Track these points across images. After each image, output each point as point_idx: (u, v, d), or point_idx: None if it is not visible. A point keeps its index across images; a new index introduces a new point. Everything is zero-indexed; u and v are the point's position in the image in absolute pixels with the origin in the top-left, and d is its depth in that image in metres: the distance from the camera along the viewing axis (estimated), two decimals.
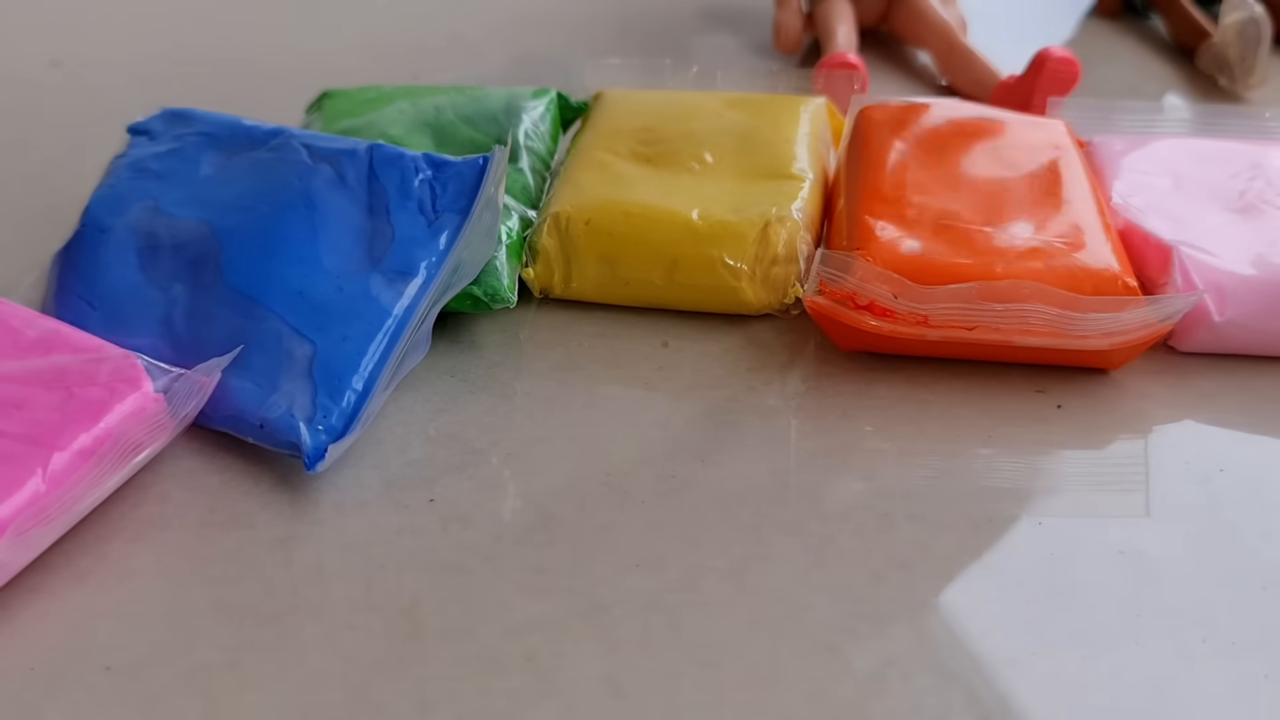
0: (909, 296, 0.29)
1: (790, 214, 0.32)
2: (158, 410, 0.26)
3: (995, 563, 0.26)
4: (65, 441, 0.25)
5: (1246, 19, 0.46)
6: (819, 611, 0.24)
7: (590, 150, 0.36)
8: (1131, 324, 0.29)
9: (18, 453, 0.24)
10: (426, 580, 0.25)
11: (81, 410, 0.25)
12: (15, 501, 0.23)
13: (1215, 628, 0.24)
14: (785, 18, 0.50)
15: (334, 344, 0.28)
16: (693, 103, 0.38)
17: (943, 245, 0.30)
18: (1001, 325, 0.29)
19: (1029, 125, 0.36)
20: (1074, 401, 0.30)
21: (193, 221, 0.31)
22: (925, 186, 0.33)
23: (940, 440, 0.29)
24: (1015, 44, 0.48)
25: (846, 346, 0.31)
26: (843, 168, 0.35)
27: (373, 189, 0.31)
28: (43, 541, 0.24)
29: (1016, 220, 0.31)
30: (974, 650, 0.24)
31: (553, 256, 0.33)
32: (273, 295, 0.29)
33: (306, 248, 0.30)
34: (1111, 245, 0.31)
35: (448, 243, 0.30)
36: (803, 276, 0.32)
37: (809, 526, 0.27)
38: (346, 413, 0.27)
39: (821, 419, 0.30)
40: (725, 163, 0.35)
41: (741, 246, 0.32)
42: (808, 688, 0.23)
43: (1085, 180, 0.34)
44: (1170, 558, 0.26)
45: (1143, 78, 0.50)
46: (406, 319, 0.29)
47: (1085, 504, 0.28)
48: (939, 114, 0.36)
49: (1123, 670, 0.23)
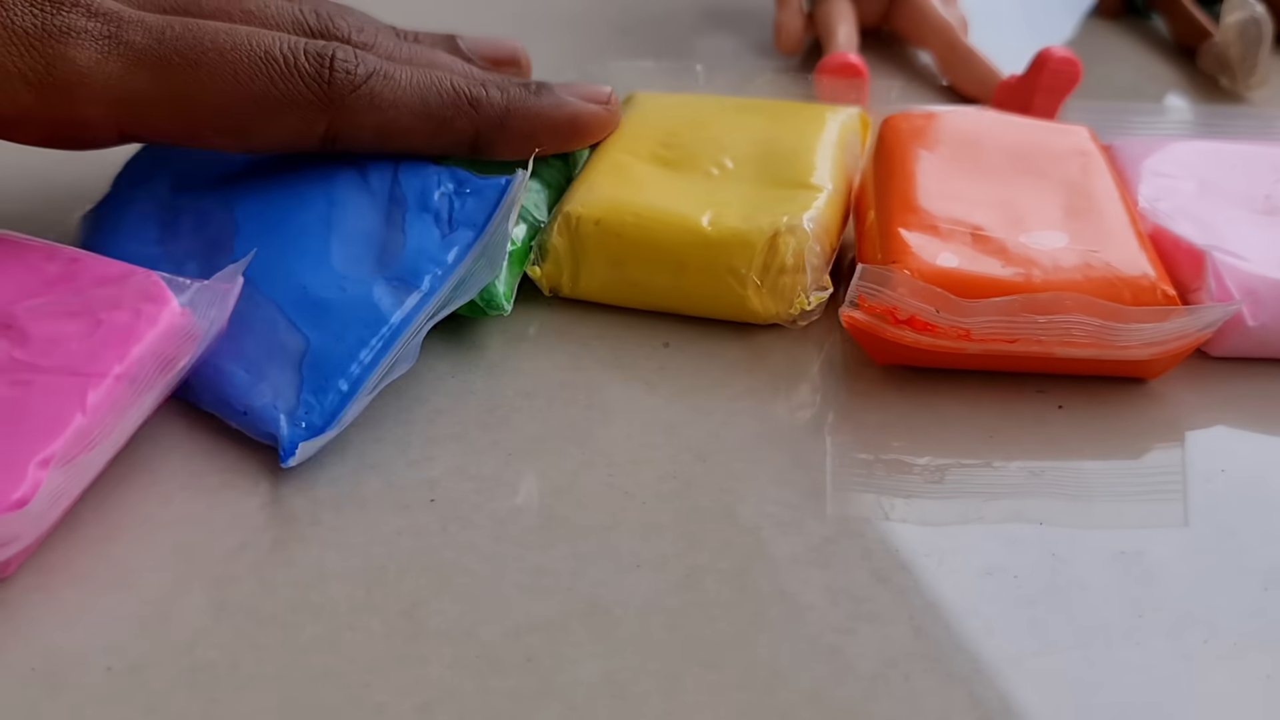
0: (951, 311, 0.29)
1: (801, 224, 0.32)
2: (185, 324, 0.27)
3: (996, 563, 0.26)
4: (100, 368, 0.25)
5: (1248, 19, 0.46)
6: (819, 612, 0.24)
7: (611, 151, 0.36)
8: (1172, 333, 0.29)
9: (56, 386, 0.25)
10: (427, 580, 0.25)
11: (111, 335, 0.26)
12: (60, 433, 0.24)
13: (1216, 628, 0.24)
14: (786, 18, 0.50)
15: (327, 342, 0.28)
16: (722, 107, 0.38)
17: (978, 256, 0.30)
18: (1044, 337, 0.29)
19: (1054, 132, 0.36)
20: (1075, 402, 0.30)
21: (215, 202, 0.32)
22: (955, 196, 0.32)
23: (941, 440, 0.29)
24: (1016, 44, 0.48)
25: (883, 360, 0.31)
26: (870, 179, 0.35)
27: (394, 196, 0.31)
28: (93, 466, 0.25)
29: (1049, 229, 0.31)
30: (975, 651, 0.24)
31: (562, 255, 0.33)
32: (275, 285, 0.29)
33: (317, 243, 0.30)
34: (1147, 252, 0.31)
35: (456, 258, 0.30)
36: (809, 287, 0.32)
37: (810, 526, 0.27)
38: (327, 412, 0.27)
39: (822, 420, 0.30)
40: (744, 169, 0.34)
41: (749, 254, 0.31)
42: (808, 688, 0.23)
43: (1114, 187, 0.33)
44: (1171, 558, 0.26)
45: (1144, 78, 0.50)
46: (402, 328, 0.29)
47: (1085, 504, 0.28)
48: (963, 122, 0.36)
49: (1124, 671, 0.23)
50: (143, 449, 0.28)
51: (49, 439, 0.24)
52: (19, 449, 0.24)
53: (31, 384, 0.25)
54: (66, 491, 0.25)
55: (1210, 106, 0.47)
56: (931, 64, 0.50)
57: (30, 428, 0.24)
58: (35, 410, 0.24)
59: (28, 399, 0.25)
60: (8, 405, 0.24)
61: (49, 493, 0.24)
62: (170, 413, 0.29)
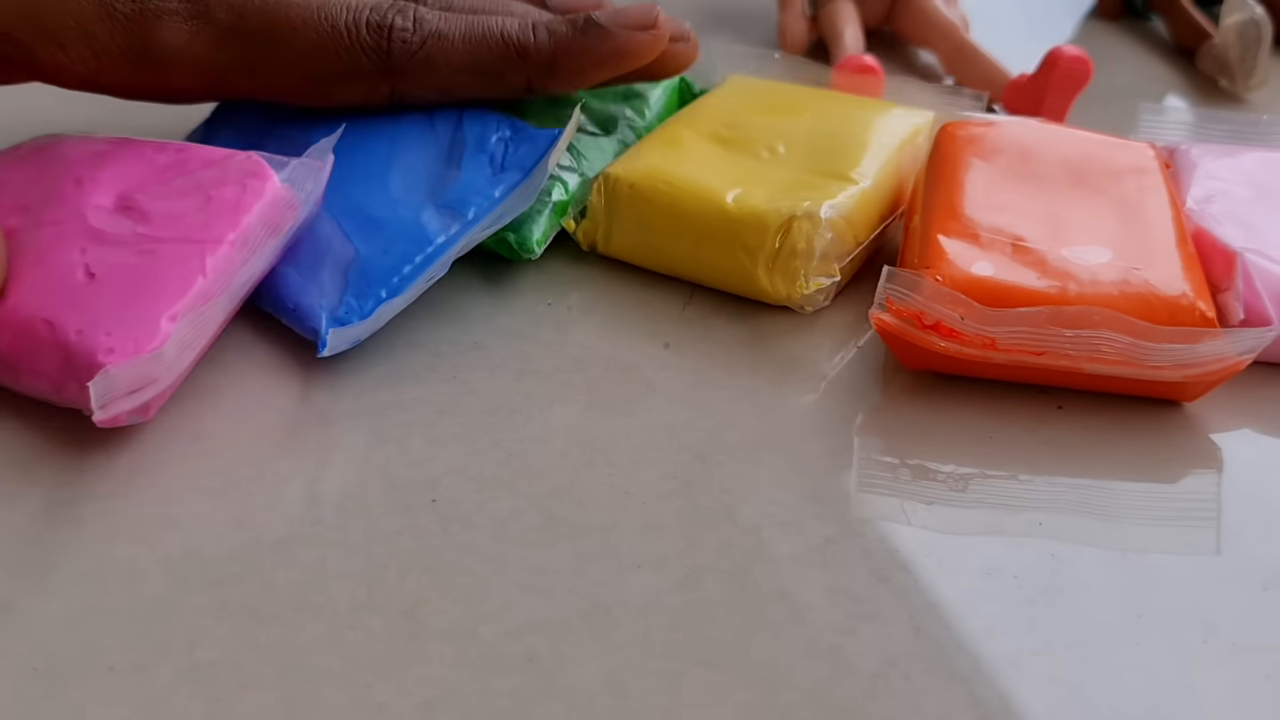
0: (976, 319, 0.29)
1: (818, 211, 0.32)
2: (285, 194, 0.31)
3: (996, 563, 0.26)
4: (216, 235, 0.29)
5: (1247, 20, 0.47)
6: (819, 611, 0.25)
7: (674, 124, 0.37)
8: (1208, 356, 0.28)
9: (178, 253, 0.29)
10: (428, 581, 0.25)
11: (222, 208, 0.30)
12: (185, 292, 0.28)
13: (1216, 629, 0.24)
14: (790, 21, 0.50)
15: (375, 254, 0.31)
16: (804, 97, 0.39)
17: (1015, 267, 0.30)
18: (1071, 351, 0.29)
19: (1115, 147, 0.35)
20: (1074, 402, 0.30)
21: (297, 130, 0.35)
22: (1002, 206, 0.32)
23: (941, 440, 0.29)
24: (1016, 44, 0.48)
25: (912, 366, 0.31)
26: (921, 184, 0.35)
27: (455, 139, 0.35)
28: (214, 320, 0.29)
29: (1094, 244, 0.31)
30: (975, 651, 0.24)
31: (599, 214, 0.35)
32: (336, 203, 0.33)
33: (379, 172, 0.34)
34: (1191, 273, 0.30)
35: (502, 195, 0.33)
36: (815, 273, 0.32)
37: (810, 526, 0.27)
38: (364, 314, 0.30)
39: (822, 420, 0.30)
40: (794, 156, 0.35)
41: (762, 235, 0.32)
42: (808, 688, 0.23)
43: (1168, 205, 0.33)
44: (1171, 558, 0.26)
45: (1143, 79, 0.50)
46: (443, 249, 0.32)
47: (1085, 504, 0.28)
48: (1021, 132, 0.36)
49: (1123, 671, 0.24)
50: (148, 453, 0.28)
51: (175, 297, 0.28)
52: (150, 306, 0.28)
53: (156, 252, 0.29)
54: (192, 342, 0.28)
55: (1208, 110, 0.47)
56: (934, 64, 0.50)
57: (159, 289, 0.28)
58: (162, 274, 0.28)
59: (155, 265, 0.28)
60: (137, 272, 0.28)
61: (177, 342, 0.27)
62: (168, 411, 0.29)
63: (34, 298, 0.28)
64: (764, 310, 0.34)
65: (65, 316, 0.28)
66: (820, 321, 0.33)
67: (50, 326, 0.27)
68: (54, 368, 0.27)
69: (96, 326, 0.27)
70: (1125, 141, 0.36)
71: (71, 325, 0.27)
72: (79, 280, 0.28)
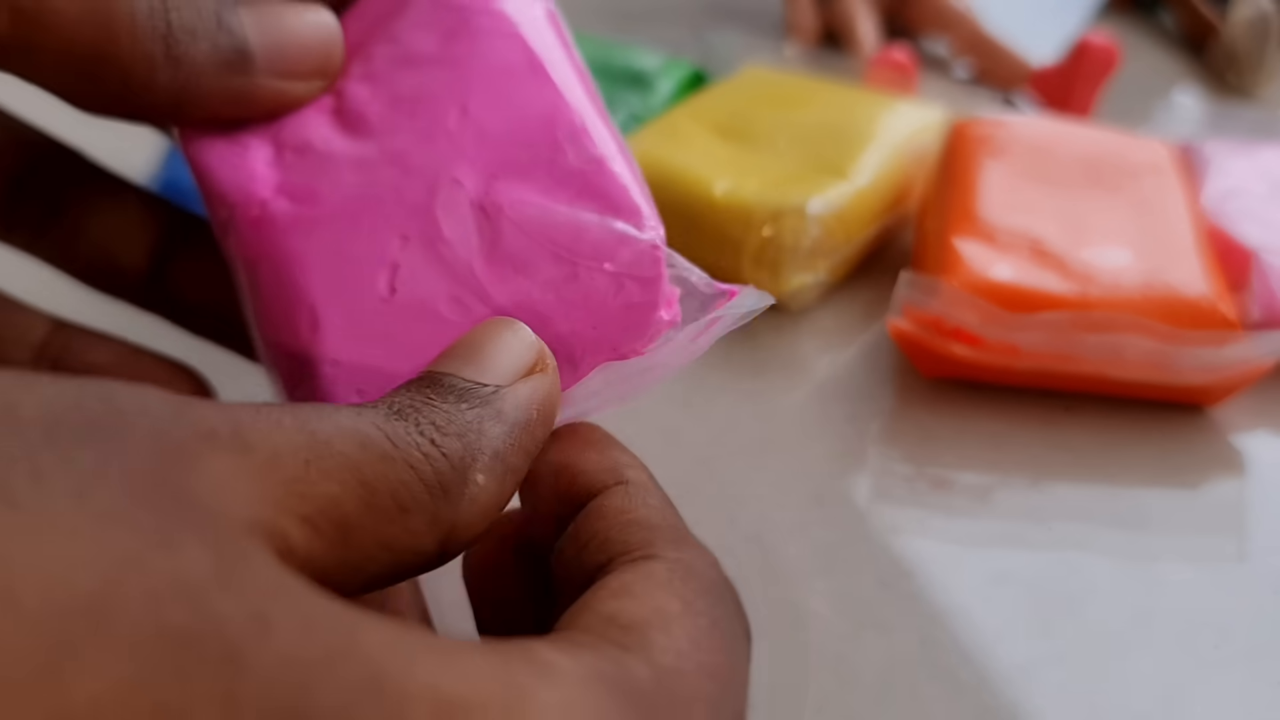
0: (997, 324, 0.28)
1: (805, 206, 0.32)
2: (661, 330, 0.21)
3: (1005, 568, 0.26)
4: (548, 331, 0.20)
5: (1256, 15, 0.46)
6: (825, 619, 0.24)
7: (679, 113, 0.37)
8: (1232, 360, 0.28)
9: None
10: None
11: (577, 301, 0.20)
12: None
13: (1227, 634, 0.24)
14: (798, 15, 0.49)
15: None
16: (817, 91, 0.38)
17: (1035, 270, 0.29)
18: (1095, 356, 0.28)
19: (1128, 145, 0.35)
20: (1081, 404, 0.30)
21: None
22: (1019, 207, 0.31)
23: (944, 441, 0.29)
24: (1025, 38, 0.47)
25: (930, 373, 0.30)
26: (933, 185, 0.34)
27: None
28: None
29: (1112, 245, 0.30)
30: (984, 657, 0.23)
31: None
32: None
33: None
34: (1211, 274, 0.30)
35: None
36: (799, 269, 0.32)
37: (813, 531, 0.26)
38: None
39: (823, 421, 0.30)
40: (794, 149, 0.35)
41: (747, 227, 0.32)
42: (814, 695, 0.23)
43: (1184, 205, 0.32)
44: (1181, 563, 0.26)
45: (1152, 73, 0.49)
46: None
47: (1094, 508, 0.27)
48: (1035, 131, 0.35)
49: (1134, 676, 0.23)
50: None
51: None
52: None
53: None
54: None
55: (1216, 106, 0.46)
56: (943, 54, 0.50)
57: None
58: None
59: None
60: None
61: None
62: None
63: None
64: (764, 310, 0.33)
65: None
66: (821, 322, 0.33)
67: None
68: None
69: None
70: (1139, 139, 0.35)
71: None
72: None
